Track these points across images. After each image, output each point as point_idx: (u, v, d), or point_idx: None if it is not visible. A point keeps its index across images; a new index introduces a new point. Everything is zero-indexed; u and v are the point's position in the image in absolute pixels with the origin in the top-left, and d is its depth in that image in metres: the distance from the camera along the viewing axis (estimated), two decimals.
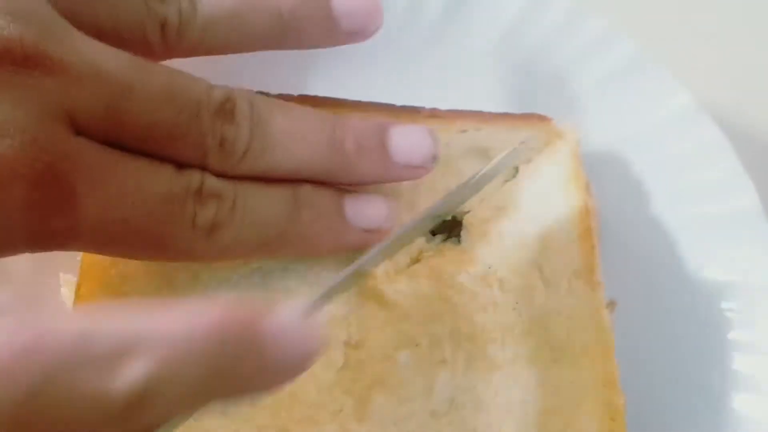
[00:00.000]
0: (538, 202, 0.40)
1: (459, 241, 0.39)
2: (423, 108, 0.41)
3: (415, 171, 0.36)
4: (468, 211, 0.39)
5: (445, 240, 0.39)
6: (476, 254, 0.38)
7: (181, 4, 0.33)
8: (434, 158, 0.36)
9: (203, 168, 0.32)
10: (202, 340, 0.23)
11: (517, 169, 0.41)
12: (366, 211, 0.36)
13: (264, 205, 0.33)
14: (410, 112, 0.41)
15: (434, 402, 0.35)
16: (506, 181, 0.41)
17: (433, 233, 0.39)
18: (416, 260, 0.39)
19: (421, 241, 0.39)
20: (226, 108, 0.32)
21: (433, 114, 0.41)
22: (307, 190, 0.34)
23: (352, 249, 0.36)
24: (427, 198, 0.39)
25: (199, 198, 0.31)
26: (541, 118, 0.42)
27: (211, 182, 0.32)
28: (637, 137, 0.44)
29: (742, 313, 0.40)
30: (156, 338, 0.23)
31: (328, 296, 0.30)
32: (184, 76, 0.32)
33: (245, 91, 0.34)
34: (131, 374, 0.22)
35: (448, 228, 0.40)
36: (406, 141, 0.36)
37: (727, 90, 0.50)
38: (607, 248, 0.40)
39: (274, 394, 0.26)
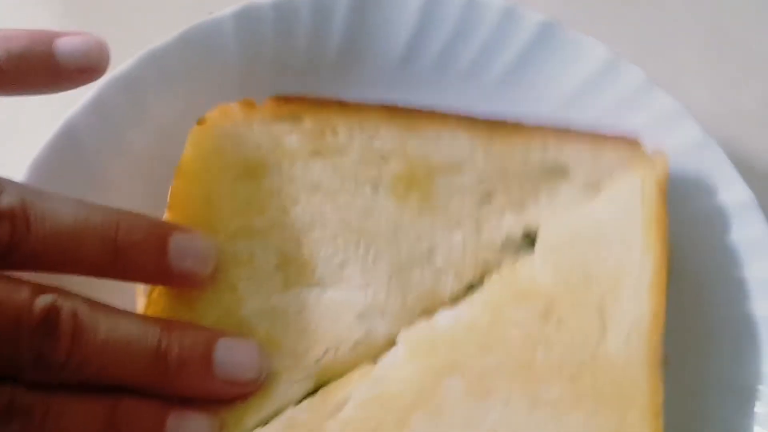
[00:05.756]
0: (615, 235, 0.38)
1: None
2: (507, 120, 0.39)
3: (239, 388, 0.34)
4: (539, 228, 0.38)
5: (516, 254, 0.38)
6: (541, 287, 0.37)
7: (14, 224, 0.32)
8: (260, 375, 0.34)
9: (15, 378, 0.31)
10: None
11: (598, 188, 0.39)
12: None
13: (78, 422, 0.32)
14: (493, 124, 0.39)
15: None
16: (586, 199, 0.39)
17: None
18: (482, 279, 0.38)
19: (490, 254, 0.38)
20: (48, 321, 0.31)
21: (517, 128, 0.39)
22: (126, 406, 0.33)
23: None
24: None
25: (7, 415, 0.30)
26: (631, 141, 0.40)
27: (21, 397, 0.31)
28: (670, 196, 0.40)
29: None
30: None
31: None
32: (6, 286, 0.31)
33: (72, 297, 0.32)
34: None
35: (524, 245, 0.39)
36: (232, 357, 0.34)
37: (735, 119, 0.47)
38: None
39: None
